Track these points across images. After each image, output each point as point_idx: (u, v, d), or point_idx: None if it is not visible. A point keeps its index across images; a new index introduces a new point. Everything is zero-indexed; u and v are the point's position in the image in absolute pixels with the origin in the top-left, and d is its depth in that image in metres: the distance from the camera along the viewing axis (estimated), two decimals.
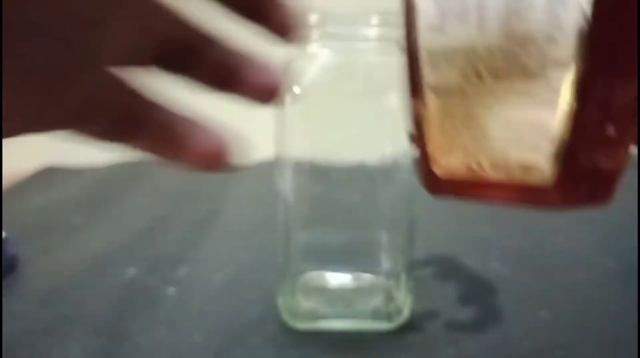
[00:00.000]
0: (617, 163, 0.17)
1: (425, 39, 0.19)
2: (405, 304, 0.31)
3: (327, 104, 0.29)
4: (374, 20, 0.28)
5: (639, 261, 0.37)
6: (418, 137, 0.21)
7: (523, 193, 0.18)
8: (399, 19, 0.20)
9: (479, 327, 0.31)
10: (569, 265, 0.39)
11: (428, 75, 0.19)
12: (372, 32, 0.28)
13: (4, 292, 0.36)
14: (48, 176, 0.71)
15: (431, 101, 0.20)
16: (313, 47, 0.28)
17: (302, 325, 0.31)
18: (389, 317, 0.31)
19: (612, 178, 0.17)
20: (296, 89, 0.28)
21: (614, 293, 0.35)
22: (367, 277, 0.33)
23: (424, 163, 0.21)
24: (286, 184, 0.30)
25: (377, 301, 0.32)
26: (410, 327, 0.31)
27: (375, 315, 0.31)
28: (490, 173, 0.18)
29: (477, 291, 0.36)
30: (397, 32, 0.20)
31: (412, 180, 0.30)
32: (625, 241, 0.41)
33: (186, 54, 0.18)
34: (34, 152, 0.77)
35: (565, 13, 0.15)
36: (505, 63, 0.17)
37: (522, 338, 0.30)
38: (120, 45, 0.15)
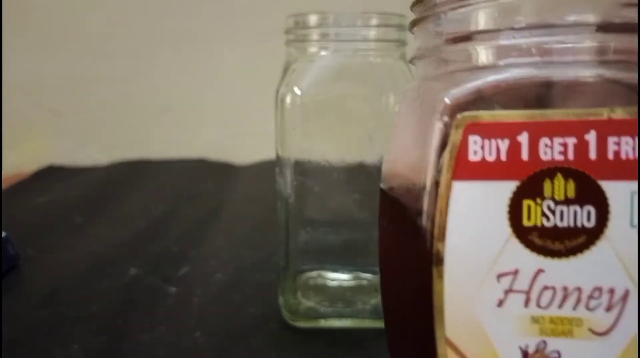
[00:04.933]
0: None
1: None
2: None
3: (327, 104, 0.29)
4: (374, 21, 0.28)
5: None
6: None
7: None
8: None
9: None
10: None
11: None
12: (372, 33, 0.28)
13: (4, 292, 0.36)
14: (49, 175, 0.71)
15: None
16: (313, 48, 0.29)
17: (302, 323, 0.31)
18: None
19: None
20: (296, 89, 0.28)
21: None
22: (366, 276, 0.33)
23: None
24: (286, 184, 0.30)
25: (376, 300, 0.32)
26: None
27: (375, 313, 0.31)
28: None
29: None
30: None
31: None
32: None
33: None
34: (34, 151, 0.77)
35: None
36: None
37: None
38: None
